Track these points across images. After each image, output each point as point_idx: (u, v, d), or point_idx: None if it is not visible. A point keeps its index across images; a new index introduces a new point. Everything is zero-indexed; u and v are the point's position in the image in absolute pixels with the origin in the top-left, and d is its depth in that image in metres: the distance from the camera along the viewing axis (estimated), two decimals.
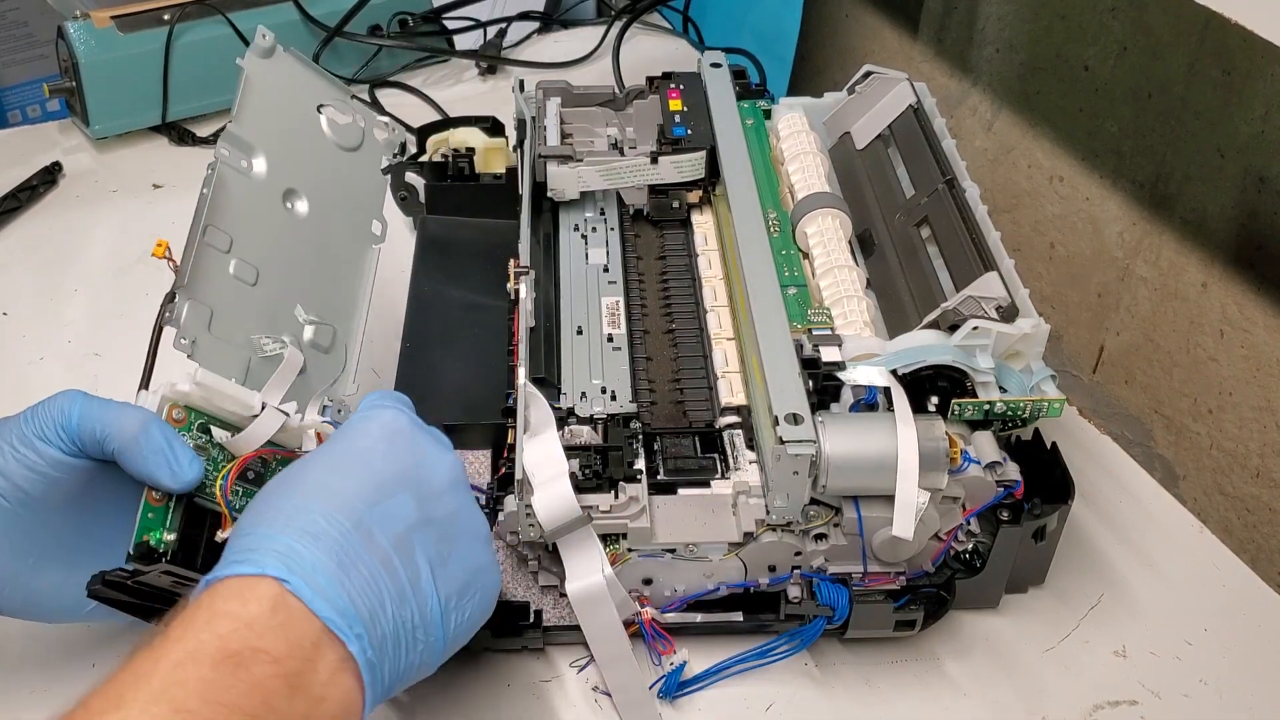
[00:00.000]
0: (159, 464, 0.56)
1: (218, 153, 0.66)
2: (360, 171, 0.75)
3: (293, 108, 0.72)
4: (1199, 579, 0.74)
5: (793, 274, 0.74)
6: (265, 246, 0.66)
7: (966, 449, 0.65)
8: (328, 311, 0.68)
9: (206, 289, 0.62)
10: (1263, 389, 0.83)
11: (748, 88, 0.92)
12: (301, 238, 0.69)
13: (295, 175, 0.70)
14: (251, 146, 0.68)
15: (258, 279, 0.65)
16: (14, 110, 1.42)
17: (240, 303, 0.63)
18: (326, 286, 0.68)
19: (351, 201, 0.73)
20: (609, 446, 0.66)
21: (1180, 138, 0.87)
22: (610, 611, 0.63)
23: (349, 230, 0.72)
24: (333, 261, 0.70)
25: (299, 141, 0.71)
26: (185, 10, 1.10)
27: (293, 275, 0.67)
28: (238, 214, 0.65)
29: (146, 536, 0.56)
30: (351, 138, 0.75)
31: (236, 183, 0.66)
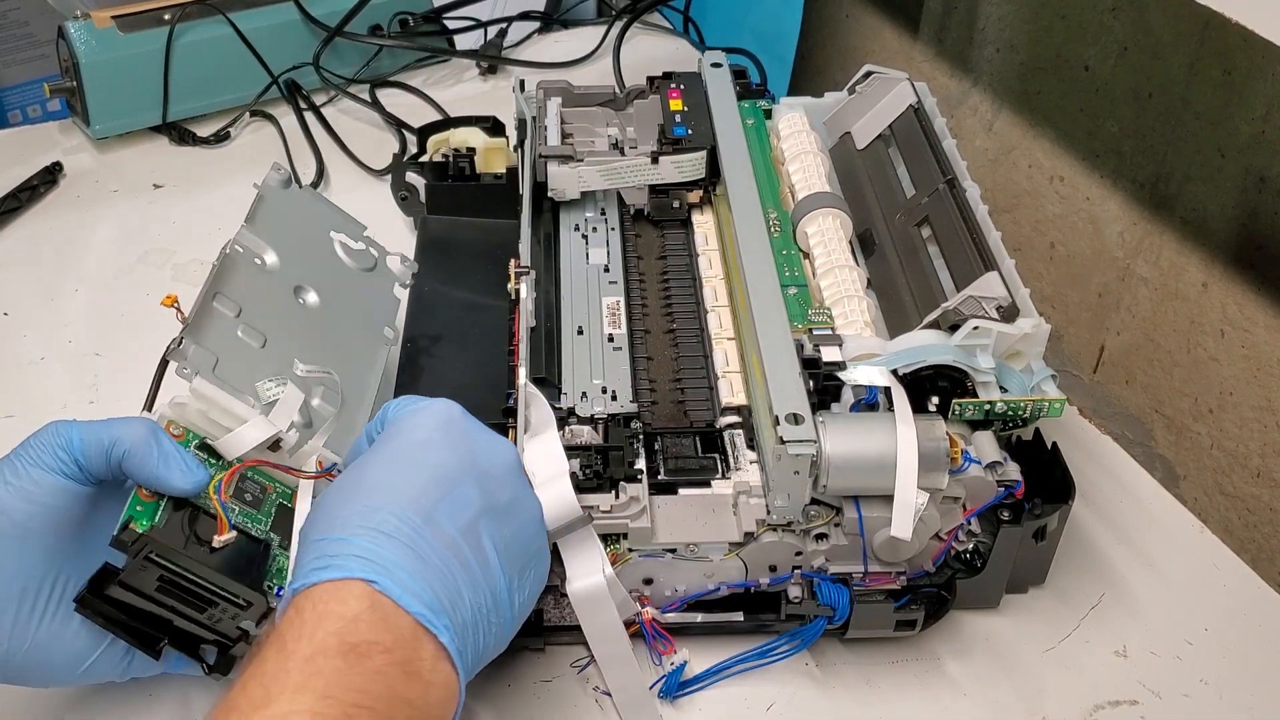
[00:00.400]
0: (172, 464, 0.57)
1: (232, 245, 0.68)
2: (374, 287, 0.77)
3: (306, 228, 0.74)
4: (1199, 579, 0.74)
5: (793, 274, 0.74)
6: (274, 322, 0.67)
7: (967, 449, 0.65)
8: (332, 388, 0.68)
9: (212, 339, 0.63)
10: (1263, 389, 0.83)
11: (748, 88, 0.92)
12: (312, 323, 0.70)
13: (307, 276, 0.71)
14: (263, 247, 0.70)
15: (265, 344, 0.65)
16: (14, 110, 1.42)
17: (246, 359, 0.64)
18: (335, 366, 0.69)
19: (364, 307, 0.75)
20: (609, 446, 0.66)
21: (1180, 138, 0.87)
22: (611, 612, 0.62)
23: (361, 328, 0.74)
24: (342, 347, 0.71)
25: (311, 253, 0.73)
26: (185, 10, 1.10)
27: (303, 351, 0.68)
28: (247, 291, 0.67)
29: (131, 522, 0.56)
30: (365, 261, 0.77)
31: (247, 267, 0.68)
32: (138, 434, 0.56)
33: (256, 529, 0.60)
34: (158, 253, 0.99)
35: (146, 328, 0.90)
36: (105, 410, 0.82)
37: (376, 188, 1.03)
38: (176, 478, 0.57)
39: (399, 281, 0.78)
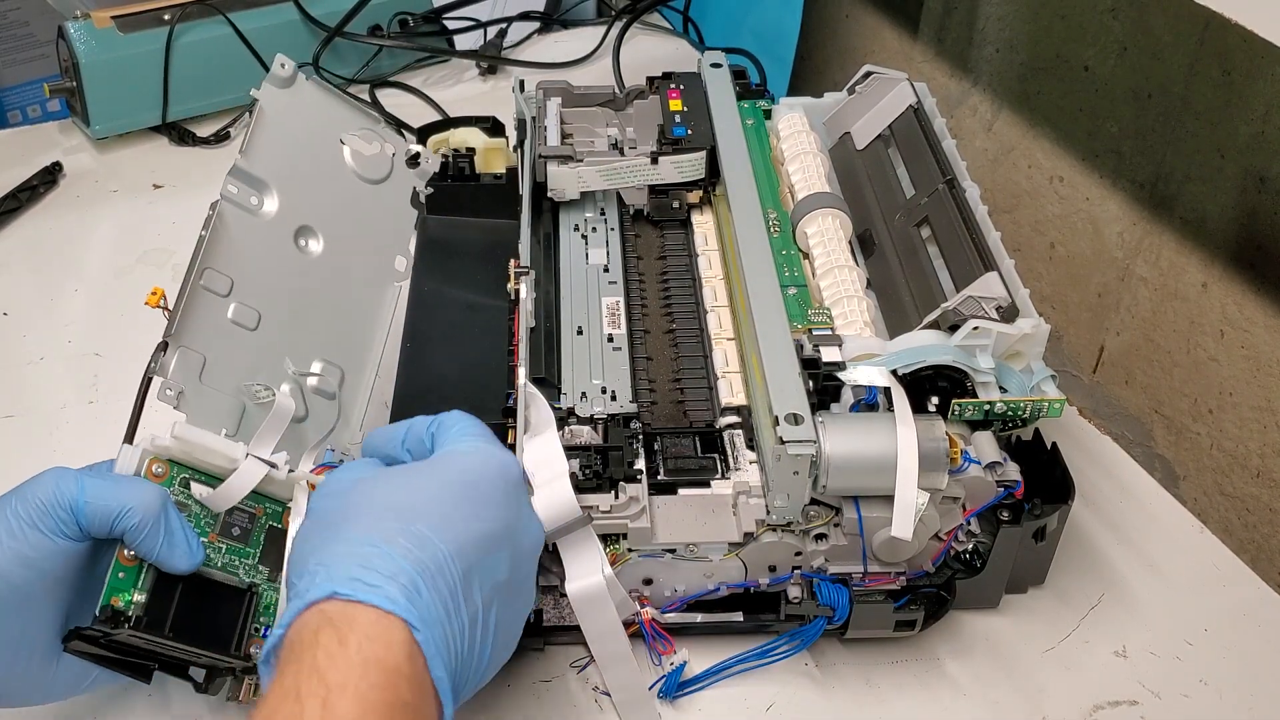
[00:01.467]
0: (176, 544, 0.55)
1: (224, 190, 0.62)
2: (385, 205, 0.70)
3: (312, 140, 0.68)
4: (1199, 579, 0.74)
5: (793, 274, 0.74)
6: (270, 288, 0.63)
7: (967, 449, 0.65)
8: (337, 353, 0.65)
9: (200, 335, 0.59)
10: (1263, 389, 0.83)
11: (748, 88, 0.92)
12: (313, 278, 0.65)
13: (310, 212, 0.66)
14: (262, 182, 0.64)
15: (259, 323, 0.61)
16: (14, 110, 1.42)
17: (237, 348, 0.60)
18: (337, 327, 0.65)
19: (373, 237, 0.69)
20: (609, 446, 0.66)
21: (1180, 138, 0.87)
22: (610, 612, 0.62)
23: (369, 267, 0.68)
24: (347, 301, 0.66)
25: (317, 176, 0.67)
26: (185, 10, 1.10)
27: (299, 317, 0.63)
28: (241, 255, 0.62)
29: (115, 599, 0.54)
30: (378, 169, 0.70)
31: (242, 222, 0.63)
32: (150, 506, 0.54)
33: (244, 568, 0.58)
34: (157, 253, 0.99)
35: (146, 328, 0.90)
36: (104, 410, 0.83)
37: None
38: (179, 559, 0.55)
39: (415, 185, 0.71)
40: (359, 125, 0.70)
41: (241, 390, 0.60)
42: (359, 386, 0.66)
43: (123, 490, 0.54)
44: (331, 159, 0.69)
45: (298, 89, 0.68)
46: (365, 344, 0.67)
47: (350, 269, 0.67)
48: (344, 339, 0.65)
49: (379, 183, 0.70)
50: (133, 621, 0.53)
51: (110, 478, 0.55)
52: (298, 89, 0.68)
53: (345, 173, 0.69)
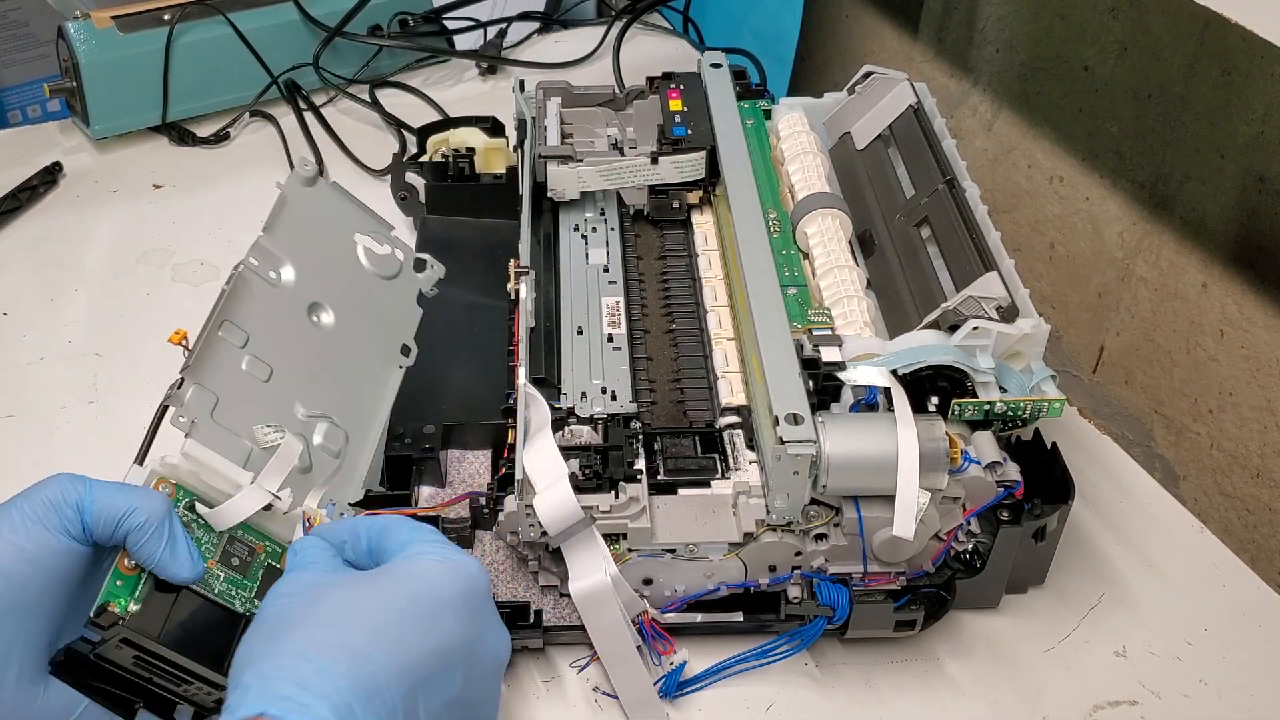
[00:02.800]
0: (178, 552, 0.54)
1: (246, 262, 0.65)
2: (393, 297, 0.73)
3: (328, 231, 0.71)
4: (1199, 579, 0.74)
5: (793, 274, 0.74)
6: (283, 349, 0.64)
7: (967, 449, 0.65)
8: (343, 417, 0.66)
9: (215, 376, 0.60)
10: (1263, 389, 0.83)
11: (748, 88, 0.92)
12: (324, 346, 0.67)
13: (323, 291, 0.68)
14: (280, 260, 0.67)
15: (270, 377, 0.63)
16: (14, 110, 1.42)
17: (249, 396, 0.61)
18: (344, 394, 0.66)
19: (381, 322, 0.72)
20: (609, 446, 0.66)
21: (1180, 138, 0.87)
22: (614, 610, 0.62)
23: (375, 347, 0.71)
24: (354, 371, 0.68)
25: (332, 263, 0.70)
26: (185, 10, 1.10)
27: (309, 379, 0.65)
28: (258, 315, 0.64)
29: (110, 602, 0.53)
30: (388, 267, 0.73)
31: (260, 288, 0.65)
32: (155, 511, 0.54)
33: (240, 598, 0.58)
34: (157, 253, 0.99)
35: (146, 328, 0.91)
36: (104, 410, 0.83)
37: (376, 188, 1.03)
38: (181, 567, 0.54)
39: (422, 288, 0.74)
40: (371, 229, 0.74)
41: (250, 434, 0.61)
42: (362, 450, 0.67)
43: (129, 493, 0.54)
44: (345, 251, 0.72)
45: (319, 190, 0.72)
46: (371, 412, 0.68)
47: (358, 345, 0.69)
48: (350, 405, 0.67)
49: (388, 279, 0.73)
50: (126, 620, 0.53)
51: (117, 484, 0.55)
52: (319, 190, 0.72)
53: (357, 264, 0.72)
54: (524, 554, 0.66)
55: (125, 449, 0.60)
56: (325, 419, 0.65)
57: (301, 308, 0.67)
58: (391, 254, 0.74)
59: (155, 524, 0.54)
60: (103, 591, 0.54)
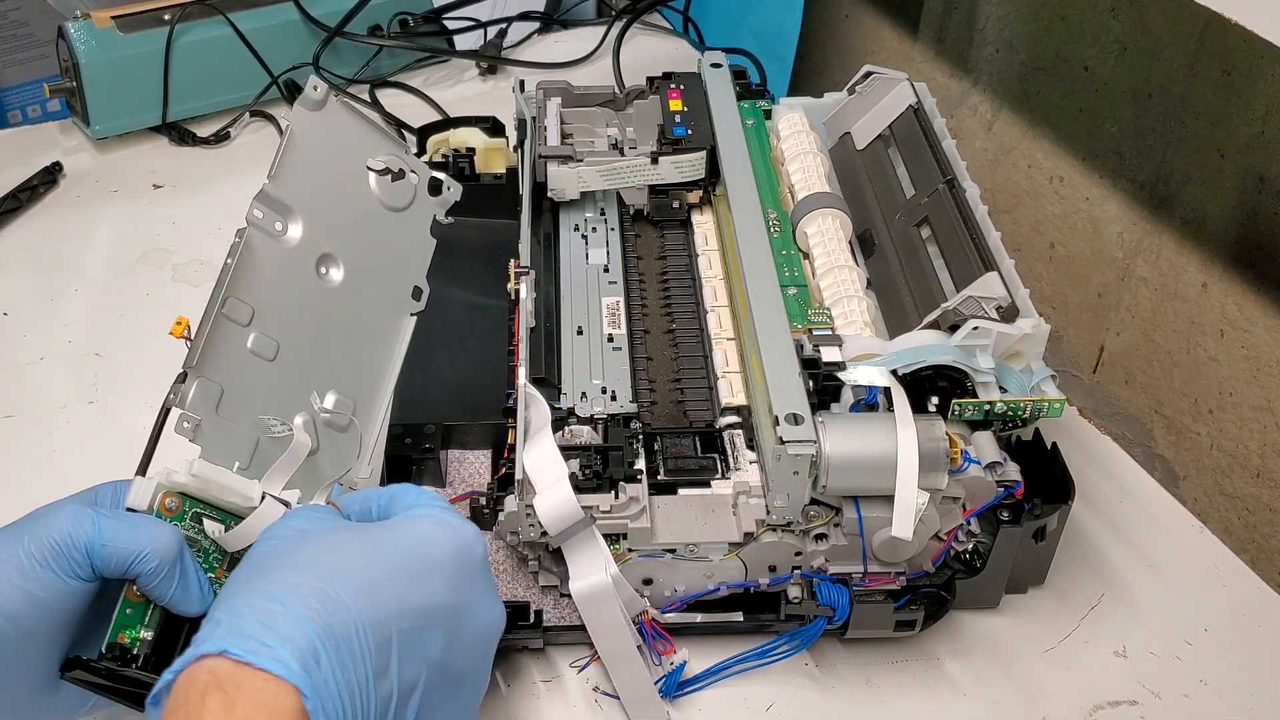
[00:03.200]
0: (190, 589, 0.53)
1: (250, 216, 0.61)
2: (407, 233, 0.69)
3: (338, 165, 0.67)
4: (1199, 579, 0.74)
5: (793, 274, 0.74)
6: (290, 317, 0.62)
7: (967, 449, 0.65)
8: (349, 386, 0.64)
9: (219, 366, 0.58)
10: (1263, 389, 0.83)
11: (748, 88, 0.92)
12: (331, 307, 0.64)
13: (333, 239, 0.64)
14: (288, 208, 0.63)
15: (277, 353, 0.61)
16: (14, 110, 1.42)
17: (255, 379, 0.59)
18: (352, 359, 0.64)
19: (393, 265, 0.68)
20: (609, 446, 0.66)
21: (1180, 138, 0.87)
22: (615, 610, 0.62)
23: (386, 297, 0.67)
24: (362, 332, 0.65)
25: (342, 202, 0.66)
26: (185, 10, 1.10)
27: (317, 348, 0.62)
28: (263, 284, 0.61)
29: (122, 635, 0.53)
30: (401, 196, 0.69)
31: (266, 249, 0.62)
32: (167, 550, 0.52)
33: None
34: (158, 253, 0.99)
35: (146, 328, 0.91)
36: (104, 410, 0.83)
37: None
38: (191, 604, 0.54)
39: (436, 214, 0.70)
40: (385, 150, 0.69)
41: (256, 424, 0.59)
42: (370, 420, 0.65)
43: (140, 533, 0.52)
44: (357, 185, 0.67)
45: (328, 112, 0.67)
46: (379, 376, 0.66)
47: (368, 298, 0.66)
48: (358, 371, 0.64)
49: (401, 210, 0.69)
50: (140, 661, 0.53)
51: (127, 519, 0.53)
52: (328, 112, 0.67)
53: (369, 199, 0.68)
54: (524, 554, 0.66)
55: (125, 449, 0.60)
56: (333, 393, 0.62)
57: (309, 263, 0.64)
58: (405, 180, 0.69)
59: (167, 566, 0.52)
60: (113, 624, 0.53)
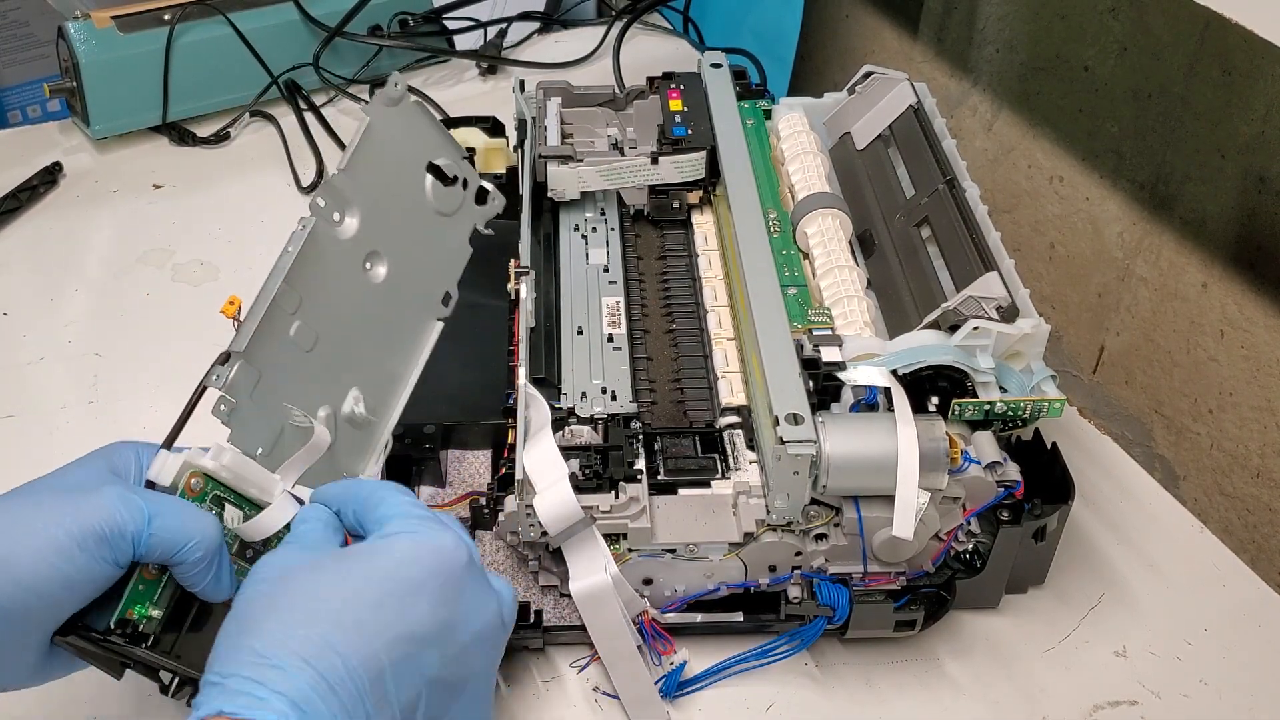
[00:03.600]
0: (223, 578, 0.54)
1: (313, 204, 0.61)
2: (448, 238, 0.70)
3: (402, 163, 0.67)
4: (1199, 579, 0.74)
5: (793, 274, 0.74)
6: (333, 310, 0.62)
7: (967, 449, 0.65)
8: (372, 385, 0.64)
9: (262, 351, 0.58)
10: (1263, 389, 0.83)
11: (748, 88, 0.92)
12: (371, 304, 0.65)
13: (383, 236, 0.65)
14: (348, 201, 0.63)
15: (315, 344, 0.61)
16: (14, 110, 1.42)
17: (291, 368, 0.59)
18: (380, 358, 0.65)
19: (430, 269, 0.69)
20: (609, 446, 0.66)
21: (1180, 138, 0.87)
22: (615, 610, 0.62)
23: (419, 299, 0.68)
24: (394, 332, 0.66)
25: (398, 200, 0.66)
26: (185, 10, 1.10)
27: (351, 343, 0.63)
28: (314, 274, 0.61)
29: (131, 611, 0.53)
30: (451, 202, 0.69)
31: (322, 239, 0.62)
32: (212, 542, 0.53)
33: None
34: (158, 253, 0.99)
35: (146, 328, 0.91)
36: (104, 410, 0.83)
37: None
38: (221, 592, 0.54)
39: (478, 224, 0.71)
40: (447, 154, 0.69)
41: (282, 413, 0.59)
42: (386, 422, 0.65)
43: (188, 524, 0.52)
44: (414, 186, 0.68)
45: (403, 109, 0.67)
46: (400, 378, 0.66)
47: (403, 299, 0.67)
48: (383, 371, 0.65)
49: (448, 216, 0.70)
50: (149, 641, 0.53)
51: (172, 507, 0.53)
52: (403, 109, 0.67)
53: (423, 201, 0.68)
54: (524, 554, 0.66)
55: None
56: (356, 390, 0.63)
57: (359, 258, 0.64)
58: (458, 186, 0.70)
59: (210, 557, 0.53)
60: (124, 601, 0.53)
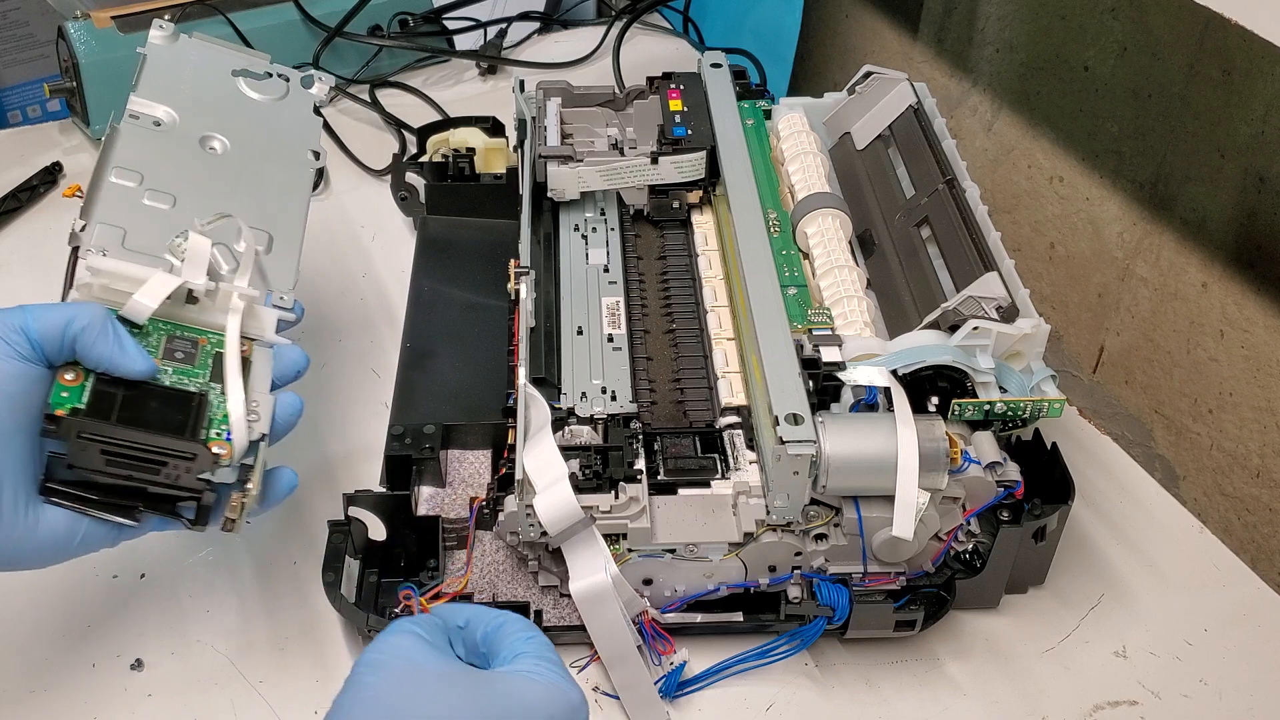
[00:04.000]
0: (127, 347, 0.56)
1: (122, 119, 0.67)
2: (289, 115, 0.74)
3: (205, 76, 0.73)
4: (1199, 579, 0.74)
5: (793, 274, 0.74)
6: (182, 179, 0.66)
7: (966, 449, 0.65)
8: (261, 221, 0.67)
9: (116, 213, 0.62)
10: (1263, 389, 0.83)
11: (748, 88, 0.92)
12: (224, 168, 0.69)
13: (212, 124, 0.70)
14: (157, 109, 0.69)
15: (176, 203, 0.65)
16: (14, 110, 1.42)
17: (158, 221, 0.63)
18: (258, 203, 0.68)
19: (282, 137, 0.73)
20: (609, 446, 0.66)
21: (1180, 138, 0.87)
22: (615, 610, 0.63)
23: (281, 158, 0.72)
24: (263, 183, 0.70)
25: (214, 99, 0.72)
26: (185, 10, 1.10)
27: (216, 196, 0.66)
28: (146, 158, 0.66)
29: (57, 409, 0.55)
30: (276, 90, 0.74)
31: (144, 135, 0.68)
32: (94, 315, 0.56)
33: (195, 382, 0.59)
34: None
35: None
36: None
37: (376, 188, 1.03)
38: (133, 361, 0.56)
39: (315, 99, 0.76)
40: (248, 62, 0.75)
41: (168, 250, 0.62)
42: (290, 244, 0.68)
43: (65, 306, 0.56)
44: (227, 89, 0.74)
45: (183, 44, 0.74)
46: (291, 211, 0.69)
47: (262, 160, 0.71)
48: (265, 210, 0.68)
49: (279, 100, 0.75)
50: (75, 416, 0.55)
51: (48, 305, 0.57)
52: (183, 44, 0.74)
53: (242, 97, 0.73)
54: (524, 554, 0.66)
55: None
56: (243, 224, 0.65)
57: (192, 141, 0.69)
58: (273, 78, 0.75)
59: (99, 325, 0.56)
60: (48, 404, 0.55)
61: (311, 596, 0.68)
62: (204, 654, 0.67)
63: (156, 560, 0.70)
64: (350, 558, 0.66)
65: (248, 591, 0.70)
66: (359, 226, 0.99)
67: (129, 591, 0.69)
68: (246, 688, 0.65)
